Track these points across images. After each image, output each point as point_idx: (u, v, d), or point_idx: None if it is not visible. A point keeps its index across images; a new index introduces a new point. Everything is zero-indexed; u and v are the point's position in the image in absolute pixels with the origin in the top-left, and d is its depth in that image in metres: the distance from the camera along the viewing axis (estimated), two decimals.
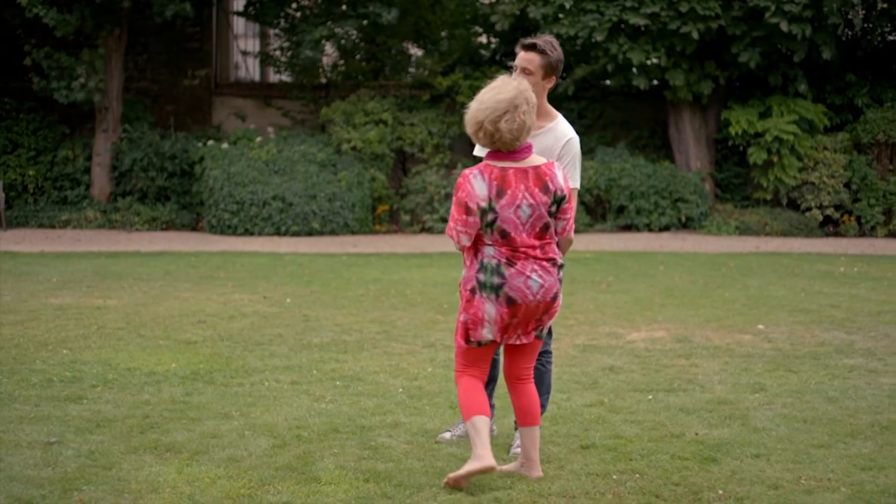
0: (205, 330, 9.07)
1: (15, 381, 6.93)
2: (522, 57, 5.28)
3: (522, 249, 4.83)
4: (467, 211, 4.83)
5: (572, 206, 5.00)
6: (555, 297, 4.94)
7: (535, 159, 4.91)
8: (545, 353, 5.52)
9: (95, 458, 5.22)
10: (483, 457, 4.77)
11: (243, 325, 9.39)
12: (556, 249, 4.96)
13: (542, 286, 4.86)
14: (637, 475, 5.06)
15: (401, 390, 6.85)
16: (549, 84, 5.27)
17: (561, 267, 4.96)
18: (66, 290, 11.62)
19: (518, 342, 5.00)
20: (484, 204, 4.80)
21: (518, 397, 5.10)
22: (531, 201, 4.82)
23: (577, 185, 5.29)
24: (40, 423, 5.85)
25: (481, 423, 4.85)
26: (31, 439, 5.52)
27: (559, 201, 4.89)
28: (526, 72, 5.25)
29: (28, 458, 5.17)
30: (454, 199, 4.88)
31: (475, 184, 4.83)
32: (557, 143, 5.33)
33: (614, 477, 5.03)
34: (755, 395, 6.77)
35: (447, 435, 5.67)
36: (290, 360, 7.82)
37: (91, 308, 10.24)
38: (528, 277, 4.83)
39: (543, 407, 5.47)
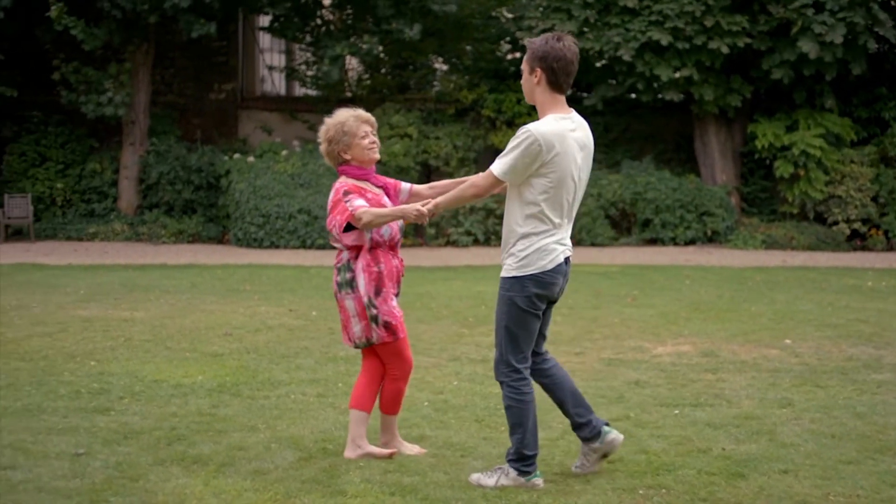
0: (231, 342, 9.10)
1: (43, 393, 6.97)
2: None
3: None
4: None
5: (334, 216, 5.47)
6: (336, 297, 5.58)
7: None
8: (502, 384, 5.19)
9: (123, 469, 5.24)
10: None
11: (269, 337, 9.42)
12: (342, 255, 5.53)
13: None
14: (664, 490, 5.04)
15: (426, 404, 6.85)
16: (535, 77, 5.02)
17: (338, 270, 5.50)
18: (94, 302, 11.69)
19: None
20: None
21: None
22: None
23: (495, 168, 4.99)
24: (68, 435, 5.88)
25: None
26: (60, 450, 5.55)
27: (328, 212, 5.57)
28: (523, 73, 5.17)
29: (56, 469, 5.20)
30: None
31: None
32: None
33: (641, 492, 5.01)
34: (783, 411, 6.73)
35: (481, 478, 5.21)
36: (316, 372, 7.83)
37: (118, 320, 10.30)
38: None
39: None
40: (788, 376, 7.85)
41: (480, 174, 5.11)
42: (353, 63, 22.56)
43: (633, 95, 21.58)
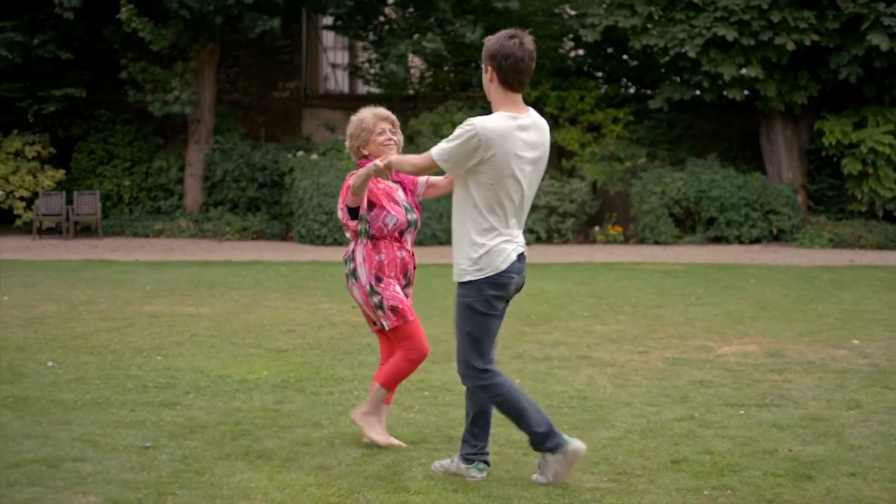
0: (295, 339, 9.17)
1: (112, 387, 7.09)
2: None
3: None
4: None
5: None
6: (347, 288, 5.77)
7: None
8: (477, 388, 5.12)
9: (189, 463, 5.31)
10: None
11: (332, 334, 9.48)
12: (349, 247, 5.75)
13: None
14: (729, 491, 4.98)
15: None
16: (488, 75, 5.00)
17: (345, 262, 5.72)
18: (160, 298, 11.86)
19: None
20: None
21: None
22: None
23: (434, 151, 4.98)
24: (136, 428, 5.97)
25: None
26: (127, 443, 5.64)
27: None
28: None
29: (124, 462, 5.28)
30: None
31: None
32: None
33: (705, 493, 4.96)
34: (851, 412, 6.62)
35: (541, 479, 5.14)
36: None
37: (184, 316, 10.44)
38: None
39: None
40: (856, 377, 7.72)
41: (423, 154, 5.11)
42: (415, 61, 22.60)
43: (698, 92, 21.34)
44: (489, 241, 4.96)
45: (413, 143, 21.79)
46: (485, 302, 5.00)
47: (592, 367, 8.07)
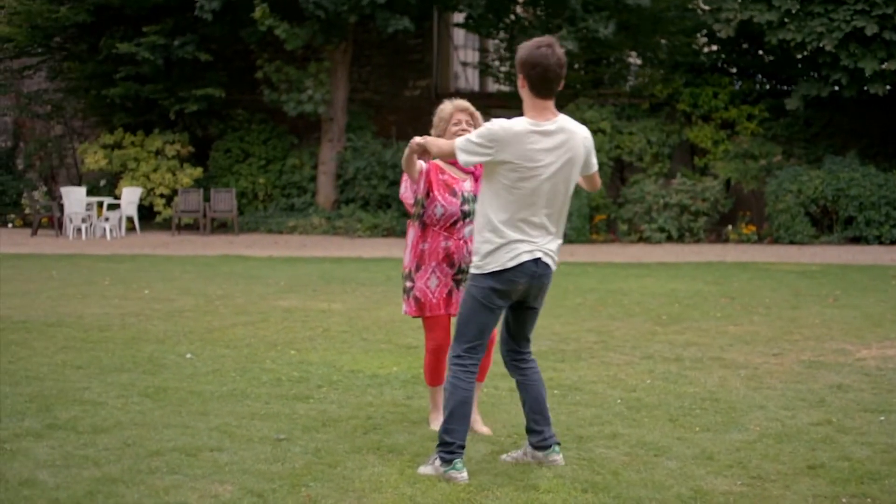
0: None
1: (247, 380, 7.26)
2: None
3: None
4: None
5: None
6: None
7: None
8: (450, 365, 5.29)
9: (321, 455, 5.40)
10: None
11: None
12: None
13: None
14: (868, 499, 4.83)
15: (619, 401, 6.78)
16: (520, 82, 5.11)
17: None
18: (293, 293, 12.10)
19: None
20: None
21: None
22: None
23: (458, 141, 5.10)
24: (270, 420, 6.10)
25: None
26: (262, 435, 5.77)
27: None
28: None
29: (259, 453, 5.41)
30: None
31: None
32: None
33: (843, 500, 4.82)
34: None
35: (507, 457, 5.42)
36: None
37: (316, 311, 10.63)
38: None
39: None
40: None
41: (450, 140, 5.28)
42: None
43: (836, 88, 20.75)
44: (498, 239, 5.03)
45: None
46: (482, 291, 5.08)
47: (725, 369, 7.92)
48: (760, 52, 22.48)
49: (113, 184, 23.48)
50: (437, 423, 5.86)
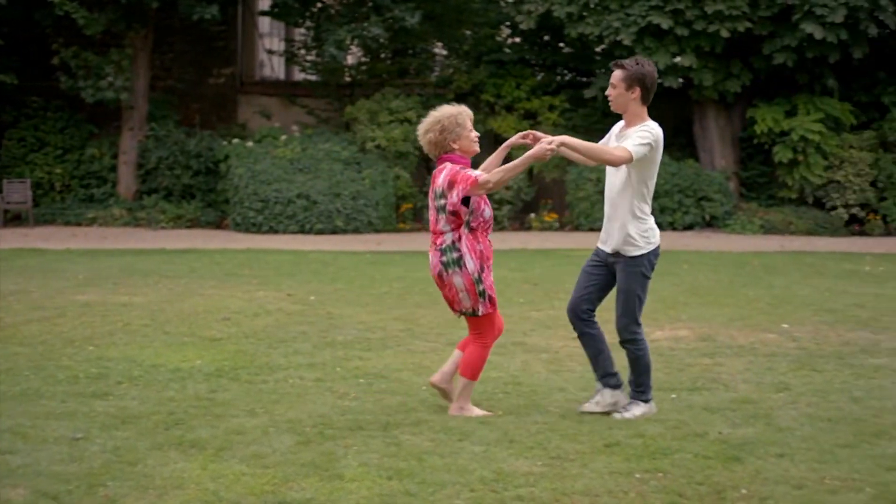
0: (229, 327, 9.12)
1: (42, 378, 6.99)
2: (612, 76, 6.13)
3: (432, 232, 6.13)
4: None
5: (454, 190, 5.92)
6: (440, 276, 6.01)
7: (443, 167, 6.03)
8: (628, 342, 6.18)
9: (121, 453, 5.26)
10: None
11: (267, 322, 9.44)
12: (445, 237, 5.99)
13: (430, 264, 6.09)
14: (660, 474, 5.06)
15: (424, 388, 6.86)
16: (634, 94, 6.02)
17: (443, 251, 5.96)
18: (93, 287, 11.71)
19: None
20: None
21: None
22: (430, 196, 6.12)
23: (633, 150, 5.91)
24: (66, 419, 5.90)
25: None
26: (58, 435, 5.57)
27: (439, 195, 5.99)
28: (611, 86, 6.11)
29: (54, 454, 5.22)
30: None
31: None
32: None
33: (637, 476, 5.03)
34: (779, 395, 6.75)
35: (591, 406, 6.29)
36: (314, 357, 7.85)
37: (117, 305, 10.32)
38: (431, 255, 6.12)
39: (635, 385, 6.26)
40: (785, 361, 7.87)
41: (619, 147, 5.97)
42: (351, 49, 22.52)
43: None
44: (651, 221, 6.24)
45: (349, 130, 21.75)
46: (652, 267, 6.26)
47: (527, 353, 8.13)
48: (561, 45, 23.10)
49: None
50: (474, 412, 6.17)
